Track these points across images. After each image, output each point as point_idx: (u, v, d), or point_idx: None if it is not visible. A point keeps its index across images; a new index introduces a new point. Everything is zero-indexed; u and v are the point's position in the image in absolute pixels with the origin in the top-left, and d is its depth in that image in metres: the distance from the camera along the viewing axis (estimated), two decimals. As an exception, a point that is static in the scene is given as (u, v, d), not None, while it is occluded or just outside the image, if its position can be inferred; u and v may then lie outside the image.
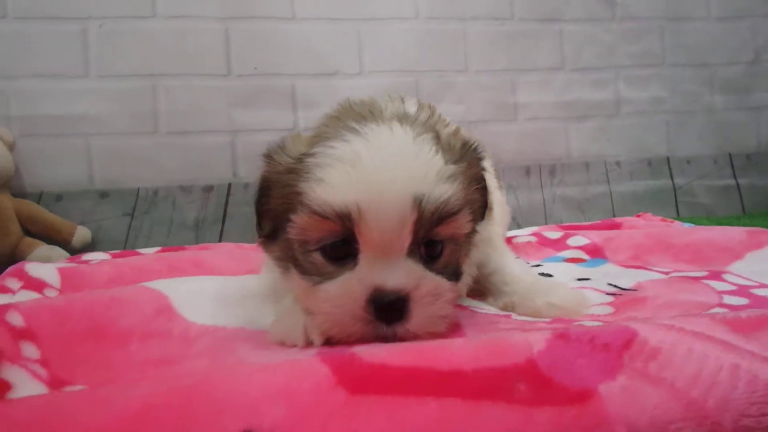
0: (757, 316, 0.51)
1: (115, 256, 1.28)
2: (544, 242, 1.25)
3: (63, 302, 0.69)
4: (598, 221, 1.55)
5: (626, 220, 1.49)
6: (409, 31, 1.85)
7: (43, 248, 1.53)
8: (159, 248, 1.38)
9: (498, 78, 1.93)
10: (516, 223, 1.92)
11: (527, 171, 1.97)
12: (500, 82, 1.93)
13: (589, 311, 0.75)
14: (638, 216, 1.57)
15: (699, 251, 0.98)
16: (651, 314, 0.70)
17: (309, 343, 0.63)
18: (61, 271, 0.96)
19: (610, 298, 0.80)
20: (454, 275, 0.66)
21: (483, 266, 0.84)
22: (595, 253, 1.11)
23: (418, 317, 0.59)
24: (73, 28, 1.63)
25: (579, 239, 1.19)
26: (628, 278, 0.88)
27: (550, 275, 0.99)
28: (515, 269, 0.83)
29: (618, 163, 2.02)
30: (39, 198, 1.65)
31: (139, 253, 1.30)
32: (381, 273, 0.59)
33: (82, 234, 1.61)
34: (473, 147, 0.71)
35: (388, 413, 0.40)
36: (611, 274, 0.95)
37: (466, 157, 0.68)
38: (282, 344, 0.65)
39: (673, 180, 2.02)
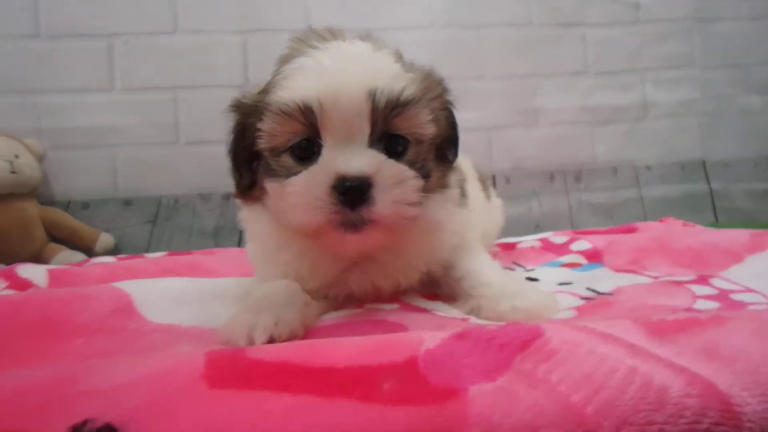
0: (682, 320, 0.45)
1: (121, 260, 1.32)
2: (548, 247, 1.20)
3: (21, 297, 0.72)
4: (616, 226, 1.46)
5: (645, 224, 1.40)
6: (424, 39, 1.83)
7: (65, 253, 1.61)
8: (165, 252, 1.42)
9: (518, 83, 1.88)
10: (540, 229, 1.85)
11: (551, 177, 1.89)
12: (520, 88, 1.88)
13: (554, 315, 0.70)
14: (661, 221, 1.47)
15: (698, 255, 0.90)
16: (618, 317, 0.64)
17: (251, 343, 0.62)
18: (50, 272, 1.00)
19: (581, 302, 0.75)
20: (421, 176, 0.67)
21: (453, 269, 0.81)
22: (594, 257, 1.04)
23: (382, 201, 0.61)
24: (99, 45, 1.72)
25: (582, 244, 1.13)
26: (610, 282, 0.82)
27: (536, 280, 0.94)
28: (485, 273, 0.79)
29: (648, 167, 1.91)
30: (67, 206, 1.74)
31: (143, 257, 1.34)
32: (343, 160, 0.61)
33: (104, 240, 1.68)
34: (435, 74, 0.77)
35: (235, 407, 0.38)
36: (596, 278, 0.89)
37: (427, 79, 0.73)
38: (227, 343, 0.65)
39: (710, 184, 1.89)
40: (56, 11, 1.70)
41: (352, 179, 0.60)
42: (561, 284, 0.87)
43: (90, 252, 1.66)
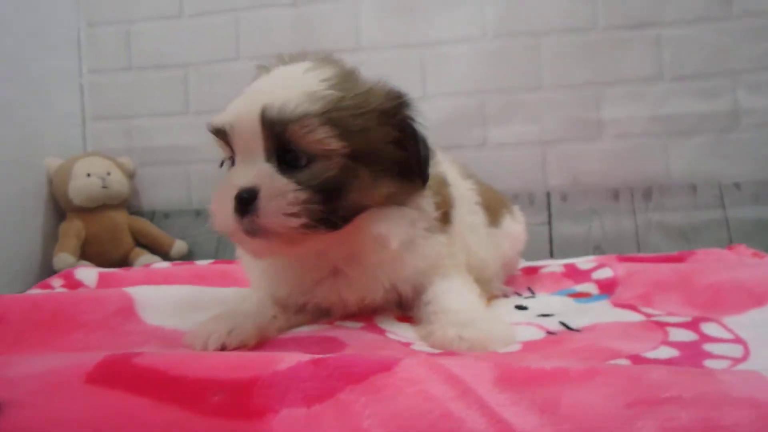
0: (547, 370, 0.42)
1: (174, 266, 1.47)
2: (570, 273, 1.13)
3: (42, 296, 0.84)
4: (662, 254, 1.32)
5: (704, 252, 1.25)
6: (475, 51, 1.80)
7: (145, 257, 1.81)
8: (213, 260, 1.54)
9: (578, 93, 1.77)
10: (600, 251, 1.73)
11: (615, 194, 1.76)
12: (580, 98, 1.77)
13: (501, 348, 0.67)
14: (729, 248, 1.30)
15: (717, 293, 0.80)
16: (547, 358, 0.60)
17: (204, 348, 0.69)
18: (100, 274, 1.15)
19: (540, 337, 0.71)
20: (329, 193, 0.69)
21: (424, 293, 0.80)
22: (607, 288, 0.97)
23: (263, 211, 0.66)
24: (177, 74, 1.92)
25: (604, 272, 1.05)
26: (589, 317, 0.76)
27: (525, 308, 0.90)
28: (450, 300, 0.77)
29: (737, 185, 1.69)
30: (152, 216, 1.95)
31: (194, 264, 1.47)
32: (239, 173, 0.69)
33: (178, 247, 1.86)
34: (391, 88, 0.77)
35: (94, 402, 0.44)
36: (585, 311, 0.83)
37: (371, 91, 0.74)
38: (189, 347, 0.72)
39: (820, 206, 1.63)
40: (143, 47, 1.93)
41: (242, 191, 0.67)
42: (541, 315, 0.83)
43: (167, 256, 1.84)
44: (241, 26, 1.90)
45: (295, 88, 0.68)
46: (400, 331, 0.77)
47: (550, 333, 0.73)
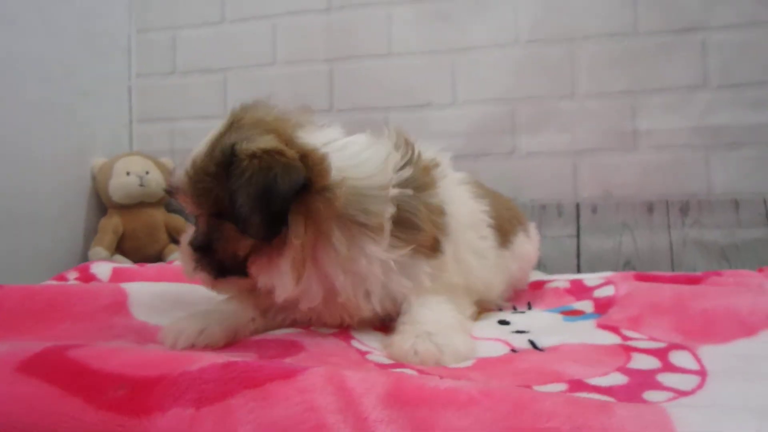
0: (433, 389, 0.42)
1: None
2: (574, 290, 1.09)
3: (38, 287, 0.90)
4: (682, 273, 1.24)
5: (730, 273, 1.16)
6: (507, 57, 1.76)
7: (177, 253, 1.89)
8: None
9: (613, 102, 1.70)
10: (632, 267, 1.65)
11: (649, 208, 1.67)
12: (616, 107, 1.69)
13: (453, 364, 0.66)
14: (759, 270, 1.21)
15: (709, 321, 0.74)
16: (492, 377, 0.59)
17: (174, 346, 0.73)
18: (114, 270, 1.22)
19: (502, 354, 0.70)
20: (205, 247, 0.79)
21: (403, 309, 0.80)
22: (602, 307, 0.92)
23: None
24: (217, 78, 2.00)
25: (607, 290, 1.01)
26: (563, 337, 0.74)
27: (507, 323, 0.87)
28: (421, 313, 0.77)
29: (783, 202, 1.57)
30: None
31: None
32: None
33: (211, 245, 1.94)
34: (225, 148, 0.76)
35: (15, 387, 0.48)
36: (562, 330, 0.80)
37: (210, 158, 0.77)
38: (161, 343, 0.76)
39: None
40: (187, 52, 2.03)
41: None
42: (515, 332, 0.80)
43: (200, 254, 1.92)
44: (277, 32, 1.95)
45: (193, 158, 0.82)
46: (366, 340, 0.77)
47: (513, 350, 0.71)
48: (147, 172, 1.88)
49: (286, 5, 1.93)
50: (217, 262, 0.77)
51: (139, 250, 1.87)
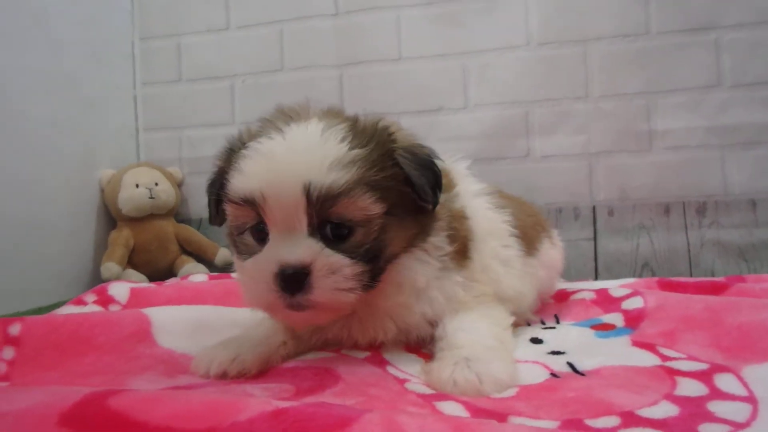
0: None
1: (211, 278, 1.51)
2: (601, 301, 1.06)
3: (62, 319, 0.89)
4: (707, 279, 1.23)
5: (750, 278, 1.15)
6: (519, 60, 1.75)
7: (190, 265, 1.88)
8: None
9: (627, 103, 1.68)
10: (650, 269, 1.64)
11: (666, 209, 1.66)
12: (630, 108, 1.68)
13: (497, 393, 0.65)
14: (782, 275, 1.20)
15: (746, 336, 0.73)
16: (538, 408, 0.58)
17: (206, 375, 0.73)
18: (132, 290, 1.20)
19: (543, 380, 0.68)
20: (372, 256, 0.70)
21: (438, 327, 0.79)
22: (633, 321, 0.91)
23: (318, 288, 0.66)
24: (224, 85, 1.98)
25: (635, 301, 0.98)
26: (600, 358, 0.72)
27: (541, 341, 0.86)
28: (459, 337, 0.75)
29: (801, 202, 1.56)
30: (200, 223, 2.02)
31: (230, 276, 1.51)
32: (283, 249, 0.67)
33: (223, 255, 1.92)
34: (381, 127, 0.74)
35: None
36: (600, 348, 0.79)
37: (376, 138, 0.72)
38: (193, 372, 0.75)
39: None
40: (193, 59, 2.01)
41: (291, 268, 0.66)
42: (551, 353, 0.79)
43: (211, 264, 1.91)
44: (285, 37, 1.94)
45: (324, 156, 0.67)
46: (401, 365, 0.76)
47: (553, 375, 0.70)
48: (156, 184, 1.87)
49: (293, 10, 1.91)
50: (371, 272, 0.70)
51: (151, 263, 1.86)
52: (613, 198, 1.70)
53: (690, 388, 0.61)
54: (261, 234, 0.71)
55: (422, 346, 0.82)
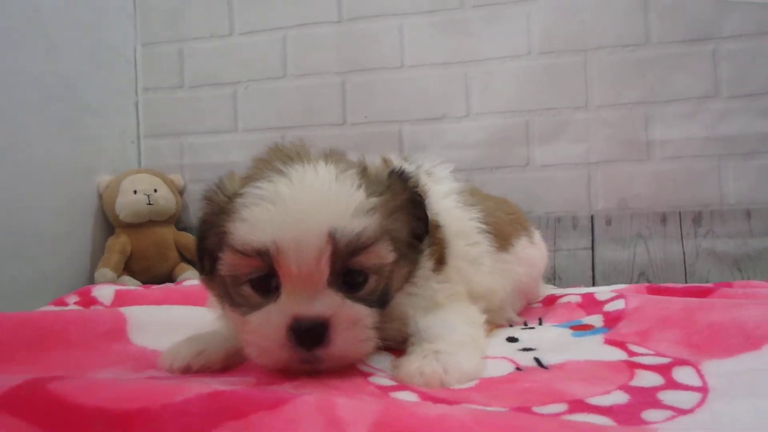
0: (423, 417, 0.41)
1: (204, 282, 1.52)
2: (586, 304, 1.06)
3: (35, 315, 0.89)
4: (695, 285, 1.21)
5: (737, 284, 1.13)
6: (520, 69, 1.75)
7: (189, 272, 1.88)
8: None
9: (627, 112, 1.68)
10: (645, 278, 1.62)
11: (663, 218, 1.64)
12: (629, 117, 1.68)
13: (458, 385, 0.64)
14: (768, 281, 1.18)
15: (716, 334, 0.72)
16: (491, 398, 0.57)
17: (171, 369, 0.73)
18: (117, 292, 1.21)
19: (506, 373, 0.69)
20: (381, 302, 0.69)
21: (411, 323, 0.78)
22: (612, 321, 0.90)
23: (338, 342, 0.63)
24: (226, 92, 2.00)
25: (618, 303, 0.98)
26: (569, 354, 0.72)
27: (516, 340, 0.85)
28: (433, 329, 0.75)
29: (797, 212, 1.54)
30: (200, 230, 2.04)
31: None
32: (301, 303, 0.63)
33: (222, 262, 1.93)
34: (398, 174, 0.74)
35: None
36: (567, 346, 0.78)
37: (392, 187, 0.72)
38: (160, 367, 0.75)
39: None
40: (195, 65, 2.03)
41: (309, 322, 0.62)
42: (522, 350, 0.78)
43: (210, 271, 1.91)
44: (288, 44, 1.95)
45: (348, 201, 0.64)
46: (371, 361, 0.75)
47: (518, 369, 0.70)
48: (155, 190, 1.88)
49: (296, 17, 1.93)
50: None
51: (149, 270, 1.86)
52: (611, 207, 1.69)
53: (646, 379, 0.60)
54: (265, 285, 0.66)
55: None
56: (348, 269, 0.65)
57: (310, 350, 0.63)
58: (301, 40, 1.94)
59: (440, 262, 0.81)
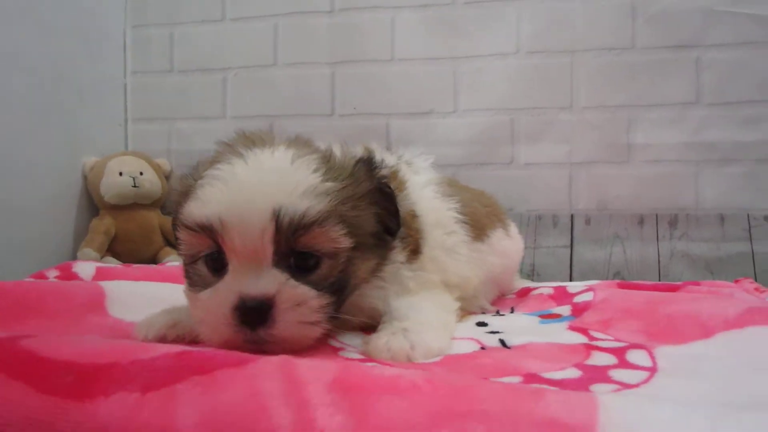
0: (378, 377, 0.43)
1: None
2: (557, 296, 1.09)
3: (13, 285, 0.89)
4: (663, 283, 1.25)
5: (704, 284, 1.17)
6: (508, 67, 1.78)
7: (172, 256, 1.89)
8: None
9: (611, 115, 1.71)
10: (621, 277, 1.65)
11: (640, 220, 1.68)
12: (613, 120, 1.71)
13: (423, 360, 0.67)
14: (736, 282, 1.22)
15: (672, 323, 0.75)
16: (453, 370, 0.60)
17: (145, 339, 0.73)
18: (98, 269, 1.22)
19: (471, 351, 0.71)
20: (336, 289, 0.68)
21: (384, 306, 0.80)
22: (579, 311, 0.93)
23: (281, 323, 0.62)
24: (216, 78, 2.01)
25: (587, 296, 1.01)
26: (533, 337, 0.74)
27: (485, 324, 0.88)
28: (404, 310, 0.77)
29: (767, 218, 1.58)
30: (185, 215, 2.04)
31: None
32: (245, 281, 0.63)
33: (207, 247, 1.94)
34: (365, 163, 0.74)
35: None
36: (532, 331, 0.82)
37: (355, 175, 0.72)
38: (134, 337, 0.76)
39: None
40: (186, 50, 2.03)
41: (252, 301, 0.62)
42: (489, 332, 0.81)
43: (194, 256, 1.92)
44: (279, 32, 1.96)
45: (297, 183, 0.64)
46: (343, 338, 0.77)
47: (482, 348, 0.72)
48: (141, 173, 1.88)
49: (288, 5, 1.93)
50: (336, 305, 0.68)
51: (133, 253, 1.86)
52: (591, 207, 1.72)
53: (601, 359, 0.63)
54: (216, 264, 0.67)
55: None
56: (297, 251, 0.65)
57: (254, 330, 0.62)
58: (292, 28, 1.95)
59: (415, 251, 0.83)
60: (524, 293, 1.19)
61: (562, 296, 1.08)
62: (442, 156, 1.07)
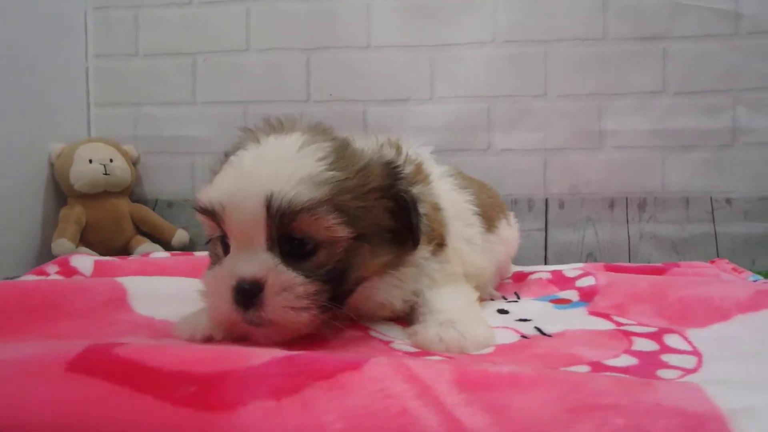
0: (496, 374, 0.45)
1: (174, 255, 1.50)
2: (556, 280, 1.15)
3: (32, 285, 0.86)
4: (647, 265, 1.34)
5: (684, 265, 1.27)
6: (484, 55, 1.81)
7: (146, 245, 1.83)
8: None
9: (583, 103, 1.79)
10: (593, 258, 1.75)
11: (611, 204, 1.78)
12: (585, 108, 1.78)
13: (477, 351, 0.70)
14: (711, 262, 1.33)
15: (687, 307, 0.82)
16: (515, 362, 0.63)
17: (192, 339, 0.73)
18: (96, 263, 1.18)
19: (514, 340, 0.75)
20: (333, 278, 0.69)
21: (417, 295, 0.82)
22: (587, 296, 0.99)
23: (269, 305, 0.64)
24: (185, 62, 1.94)
25: (588, 280, 1.07)
26: (563, 324, 0.79)
27: (507, 312, 0.92)
28: (438, 301, 0.80)
29: (728, 201, 1.72)
30: (155, 204, 1.98)
31: (192, 255, 1.50)
32: (239, 262, 0.66)
33: (180, 236, 1.89)
34: (380, 164, 0.75)
35: (70, 388, 0.46)
36: (561, 317, 0.86)
37: (367, 170, 0.72)
38: (177, 336, 0.75)
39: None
40: (152, 33, 1.95)
41: (246, 283, 0.64)
42: (519, 320, 0.85)
43: (168, 245, 1.87)
44: (252, 17, 1.91)
45: (295, 170, 0.65)
46: (382, 329, 0.79)
47: (524, 337, 0.76)
48: (111, 160, 1.81)
49: (260, -10, 1.88)
50: (334, 293, 0.69)
51: (105, 242, 1.79)
52: (564, 192, 1.81)
53: (644, 345, 0.69)
54: (226, 246, 0.70)
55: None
56: (293, 237, 0.66)
57: (246, 311, 0.65)
58: (265, 13, 1.90)
59: (440, 244, 0.85)
60: (520, 278, 1.24)
61: (561, 281, 1.14)
62: (420, 142, 1.09)
